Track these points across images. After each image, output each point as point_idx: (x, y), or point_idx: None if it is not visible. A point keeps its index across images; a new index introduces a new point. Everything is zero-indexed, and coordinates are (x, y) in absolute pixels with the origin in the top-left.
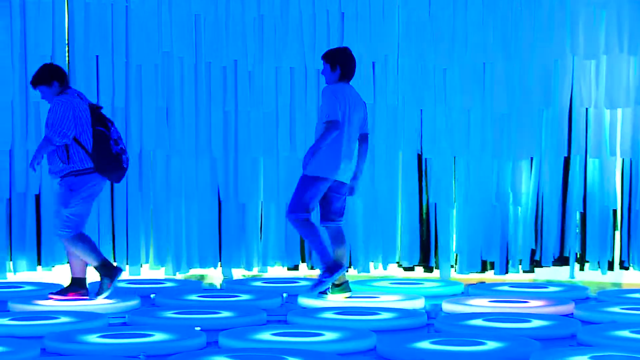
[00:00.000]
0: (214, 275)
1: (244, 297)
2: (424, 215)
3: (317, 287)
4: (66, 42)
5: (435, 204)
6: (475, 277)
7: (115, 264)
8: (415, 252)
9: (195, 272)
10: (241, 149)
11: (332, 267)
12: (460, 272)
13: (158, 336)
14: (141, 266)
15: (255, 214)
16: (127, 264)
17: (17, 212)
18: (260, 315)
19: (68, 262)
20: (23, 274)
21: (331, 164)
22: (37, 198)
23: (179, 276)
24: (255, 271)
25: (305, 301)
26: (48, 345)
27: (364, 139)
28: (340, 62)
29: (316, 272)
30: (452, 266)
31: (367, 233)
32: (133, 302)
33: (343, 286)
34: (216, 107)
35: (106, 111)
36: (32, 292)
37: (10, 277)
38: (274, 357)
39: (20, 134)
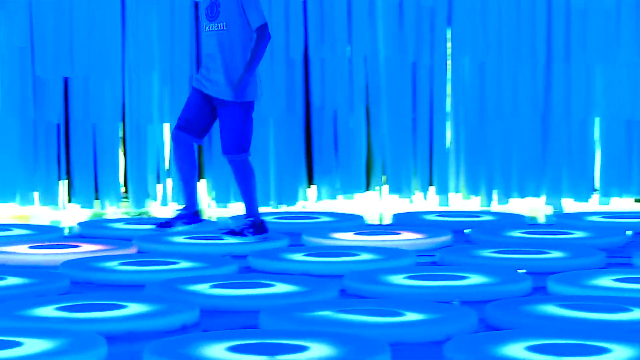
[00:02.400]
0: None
1: (579, 234)
2: None
3: (233, 237)
4: None
5: None
6: None
7: None
8: None
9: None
10: (573, 54)
11: (258, 227)
12: None
13: (474, 279)
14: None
15: (586, 133)
16: (436, 193)
17: (317, 131)
18: (598, 257)
19: None
20: (324, 202)
21: (258, 82)
22: (335, 114)
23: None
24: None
25: None
26: (347, 286)
27: None
28: None
29: None
30: None
31: None
32: (444, 238)
33: None
34: (540, 4)
35: None
36: (329, 223)
37: (311, 206)
38: (617, 307)
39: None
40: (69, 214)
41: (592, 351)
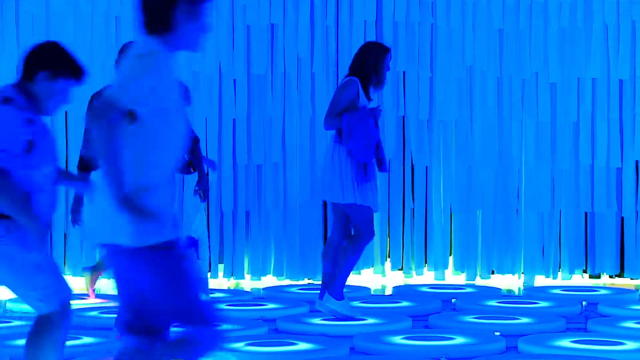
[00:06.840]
0: (513, 283)
1: (543, 304)
2: None
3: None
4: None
5: None
6: None
7: None
8: None
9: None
10: (542, 158)
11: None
12: None
13: (459, 339)
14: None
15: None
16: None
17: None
18: (559, 322)
19: None
20: None
21: None
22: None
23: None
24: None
25: (604, 309)
26: (357, 345)
27: None
28: None
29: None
30: None
31: None
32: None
33: None
34: (516, 119)
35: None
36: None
37: None
38: None
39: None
40: None
41: None
